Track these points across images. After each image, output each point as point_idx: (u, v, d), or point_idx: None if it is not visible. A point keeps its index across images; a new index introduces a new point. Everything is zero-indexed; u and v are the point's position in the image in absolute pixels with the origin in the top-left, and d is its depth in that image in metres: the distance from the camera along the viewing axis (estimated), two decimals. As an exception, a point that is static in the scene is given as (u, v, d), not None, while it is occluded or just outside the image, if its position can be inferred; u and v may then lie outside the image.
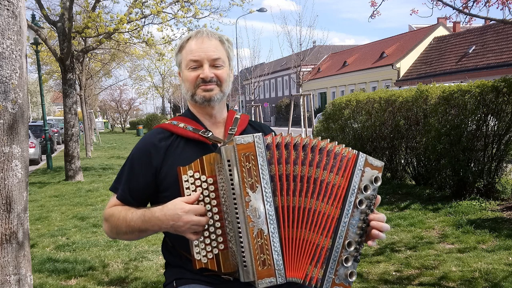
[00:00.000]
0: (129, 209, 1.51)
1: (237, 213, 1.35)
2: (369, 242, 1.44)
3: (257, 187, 1.35)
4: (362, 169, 1.42)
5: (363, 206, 1.42)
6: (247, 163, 1.34)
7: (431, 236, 4.72)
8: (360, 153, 1.43)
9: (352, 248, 1.40)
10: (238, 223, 1.35)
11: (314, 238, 1.39)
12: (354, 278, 1.40)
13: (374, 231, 1.42)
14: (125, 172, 1.58)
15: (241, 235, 1.35)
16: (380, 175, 1.44)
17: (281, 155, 1.39)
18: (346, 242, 1.40)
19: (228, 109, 1.71)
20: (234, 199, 1.35)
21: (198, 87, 1.57)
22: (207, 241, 1.40)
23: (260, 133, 1.37)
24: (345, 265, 1.40)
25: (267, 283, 1.34)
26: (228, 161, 1.35)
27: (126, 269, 4.08)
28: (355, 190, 1.41)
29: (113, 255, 4.49)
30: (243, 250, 1.35)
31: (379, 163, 1.45)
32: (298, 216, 1.39)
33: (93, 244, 4.89)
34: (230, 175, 1.35)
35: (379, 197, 1.46)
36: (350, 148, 1.45)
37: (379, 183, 1.44)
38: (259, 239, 1.34)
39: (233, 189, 1.35)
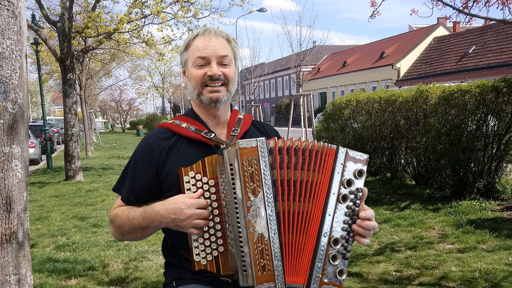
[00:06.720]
0: (132, 208, 1.51)
1: (238, 218, 1.34)
2: (364, 241, 1.40)
3: (259, 192, 1.33)
4: (343, 163, 1.39)
5: (348, 201, 1.39)
6: (250, 168, 1.33)
7: (431, 236, 4.72)
8: (340, 147, 1.40)
9: (339, 246, 1.38)
10: (239, 227, 1.34)
11: (306, 240, 1.38)
12: (344, 276, 1.38)
13: (357, 237, 1.40)
14: (128, 172, 1.57)
15: (241, 239, 1.34)
16: (365, 168, 1.40)
17: (283, 160, 1.37)
18: (332, 239, 1.37)
19: (232, 108, 1.68)
20: (236, 203, 1.34)
21: (205, 86, 1.53)
22: (207, 242, 1.40)
23: (264, 138, 1.35)
24: (333, 263, 1.37)
25: None
26: (231, 165, 1.34)
27: (126, 269, 4.08)
28: (338, 185, 1.38)
29: (113, 255, 4.49)
30: (243, 255, 1.34)
31: (362, 156, 1.41)
32: (297, 221, 1.38)
33: (93, 244, 4.90)
34: (232, 179, 1.34)
35: (365, 189, 1.42)
36: (331, 145, 1.41)
37: (363, 177, 1.40)
38: (260, 244, 1.33)
39: (234, 193, 1.34)
